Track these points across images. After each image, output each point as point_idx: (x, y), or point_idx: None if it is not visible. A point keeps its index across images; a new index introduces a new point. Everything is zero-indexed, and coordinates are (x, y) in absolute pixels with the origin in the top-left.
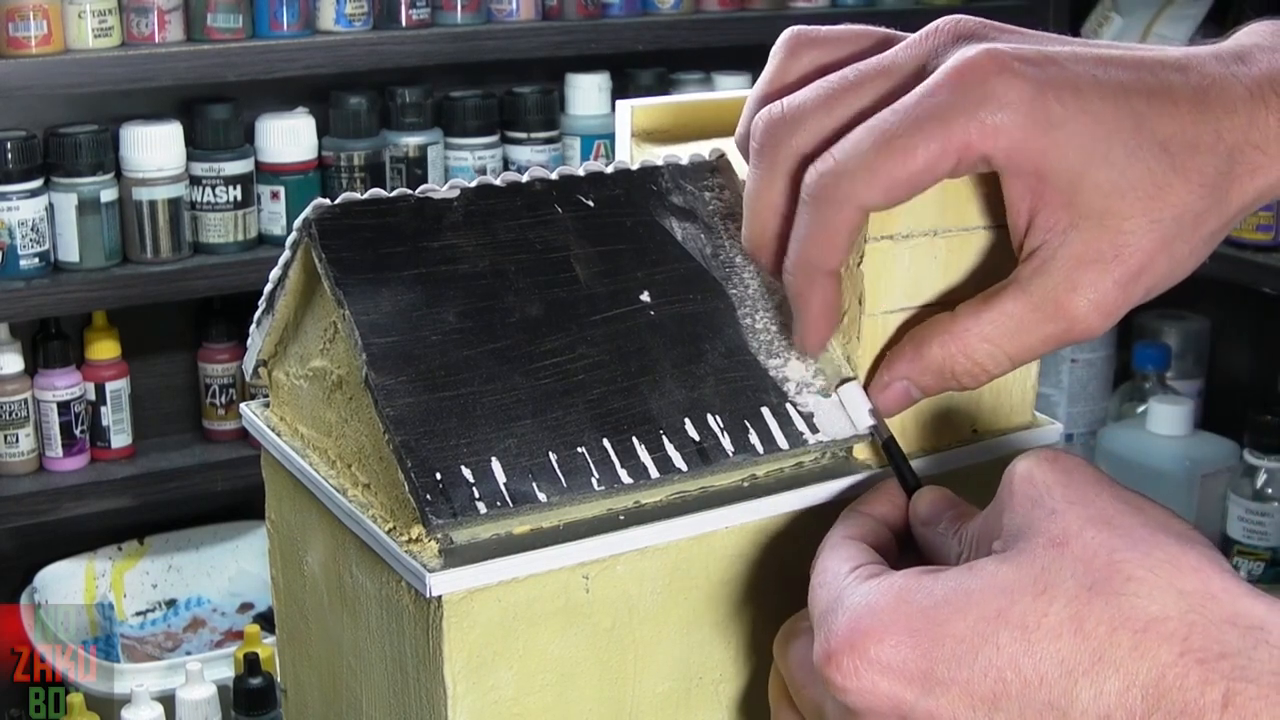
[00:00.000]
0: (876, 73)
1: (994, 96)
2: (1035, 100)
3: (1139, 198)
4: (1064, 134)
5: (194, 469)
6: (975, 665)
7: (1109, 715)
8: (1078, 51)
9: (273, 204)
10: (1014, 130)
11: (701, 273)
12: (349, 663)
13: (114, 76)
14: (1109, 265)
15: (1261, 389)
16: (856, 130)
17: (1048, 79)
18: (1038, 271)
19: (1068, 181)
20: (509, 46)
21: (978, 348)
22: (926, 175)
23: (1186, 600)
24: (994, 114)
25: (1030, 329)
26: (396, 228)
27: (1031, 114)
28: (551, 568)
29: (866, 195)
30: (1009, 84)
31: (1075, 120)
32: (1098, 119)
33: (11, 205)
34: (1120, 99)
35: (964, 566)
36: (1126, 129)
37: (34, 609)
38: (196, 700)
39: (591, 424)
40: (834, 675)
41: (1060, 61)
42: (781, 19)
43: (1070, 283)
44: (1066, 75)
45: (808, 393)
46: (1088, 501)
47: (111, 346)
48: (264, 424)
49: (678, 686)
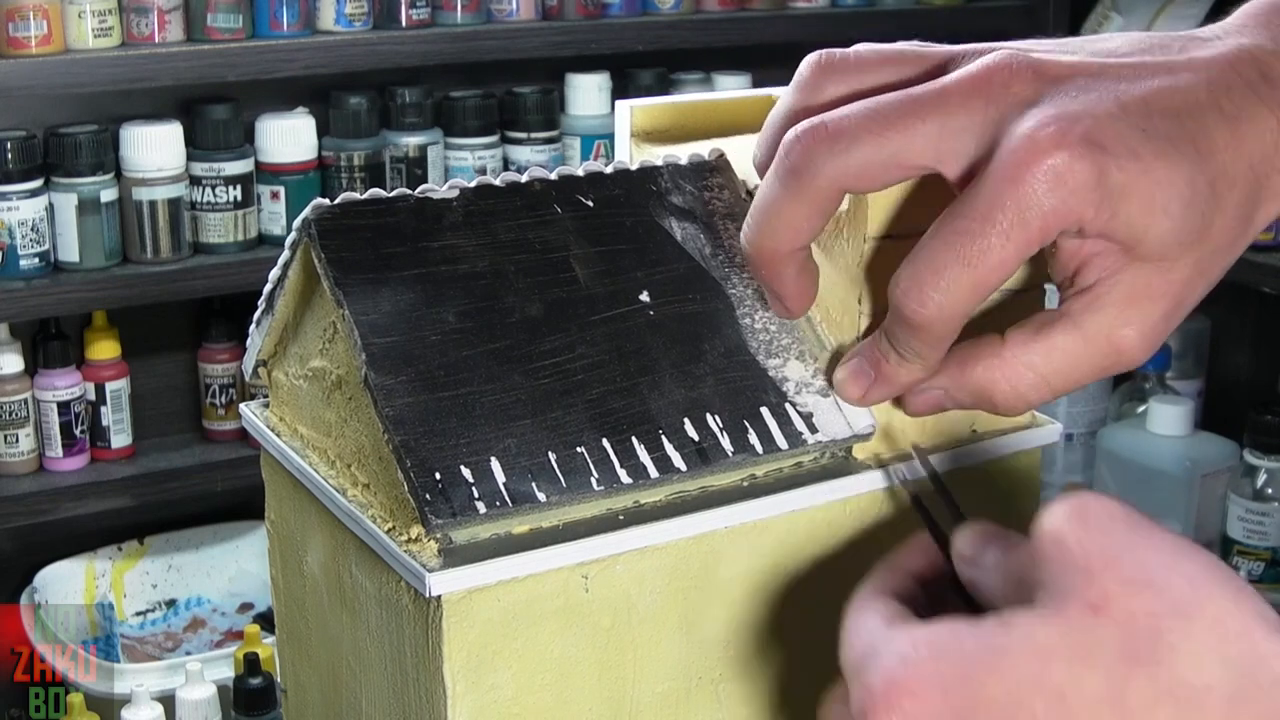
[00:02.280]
0: (928, 111)
1: (1060, 182)
2: (1099, 179)
3: (1189, 240)
4: (1126, 202)
5: (194, 469)
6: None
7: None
8: (1122, 98)
9: (273, 204)
10: (1082, 209)
11: (701, 273)
12: (349, 663)
13: (114, 76)
14: (1158, 301)
15: (1261, 389)
16: (930, 240)
17: (1107, 148)
18: (1090, 308)
19: (1128, 238)
20: (509, 46)
21: (1023, 376)
22: (1000, 274)
23: (1233, 667)
24: (1062, 200)
25: (1079, 362)
26: (396, 228)
27: (1097, 191)
28: (551, 567)
29: (946, 300)
30: (1072, 166)
31: (1136, 185)
32: (1156, 180)
33: (11, 205)
34: (1173, 155)
35: (1000, 621)
36: (1181, 182)
37: (34, 609)
38: (196, 700)
39: (591, 424)
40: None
41: (1113, 121)
42: (781, 19)
43: (1122, 319)
44: (1123, 139)
45: (807, 393)
46: (1124, 559)
47: (111, 346)
48: (264, 424)
49: (677, 686)
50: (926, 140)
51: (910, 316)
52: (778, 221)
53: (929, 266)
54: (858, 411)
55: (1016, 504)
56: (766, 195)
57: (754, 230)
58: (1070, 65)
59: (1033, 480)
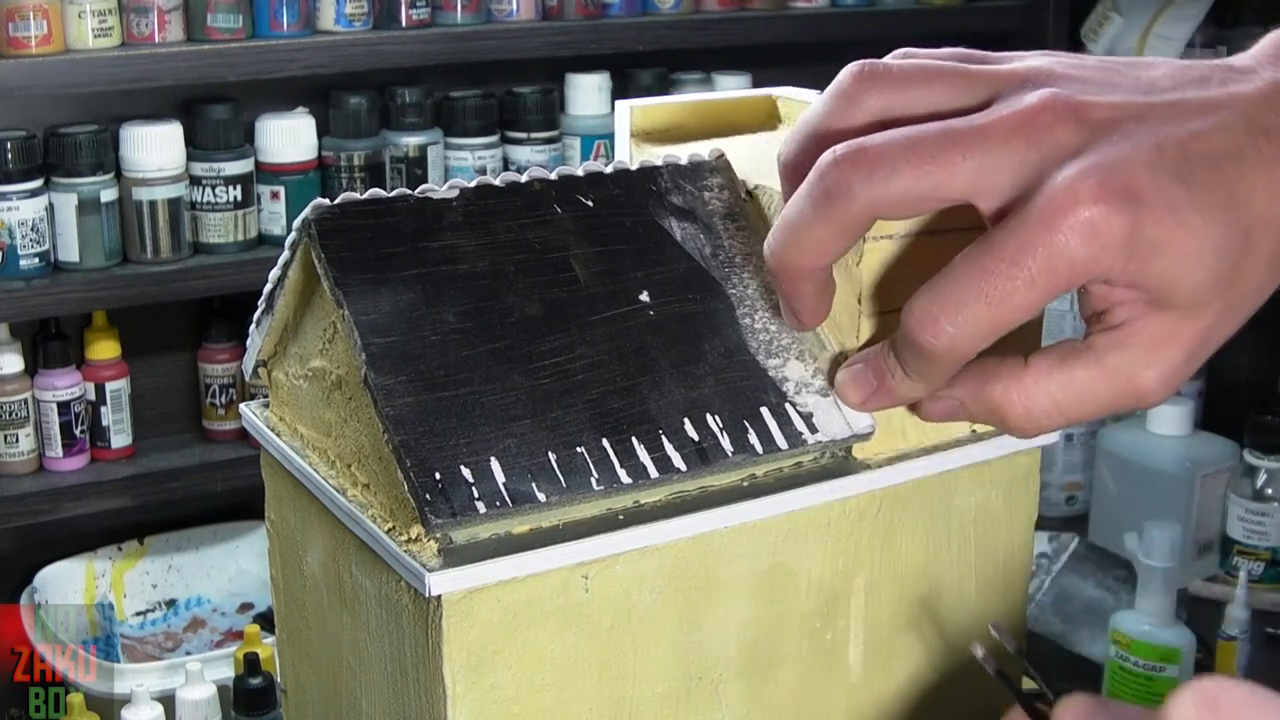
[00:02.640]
0: (970, 147)
1: (1093, 235)
2: (1133, 233)
3: (1221, 286)
4: (1159, 256)
5: (194, 469)
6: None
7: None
8: (1163, 143)
9: (273, 204)
10: (1112, 262)
11: (701, 273)
12: (349, 662)
13: (114, 76)
14: (1183, 345)
15: (1261, 389)
16: (955, 271)
17: (1144, 201)
18: (1115, 346)
19: (1159, 289)
20: (509, 46)
21: (1040, 402)
22: (1020, 316)
23: None
24: (1094, 253)
25: (1097, 396)
26: (396, 228)
27: (1129, 244)
28: (551, 567)
29: (966, 341)
30: (1108, 220)
31: (1171, 239)
32: (1193, 231)
33: (11, 205)
34: (1209, 206)
35: None
36: (1218, 231)
37: (34, 609)
38: (196, 700)
39: (591, 424)
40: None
41: (1152, 172)
42: (781, 19)
43: (1146, 361)
44: (1161, 190)
45: (807, 392)
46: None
47: (111, 346)
48: (264, 424)
49: (677, 686)
50: (965, 176)
51: (923, 345)
52: (805, 239)
53: (950, 298)
54: (858, 412)
55: (1016, 504)
56: (796, 212)
57: (779, 244)
58: (1113, 107)
59: (1032, 480)
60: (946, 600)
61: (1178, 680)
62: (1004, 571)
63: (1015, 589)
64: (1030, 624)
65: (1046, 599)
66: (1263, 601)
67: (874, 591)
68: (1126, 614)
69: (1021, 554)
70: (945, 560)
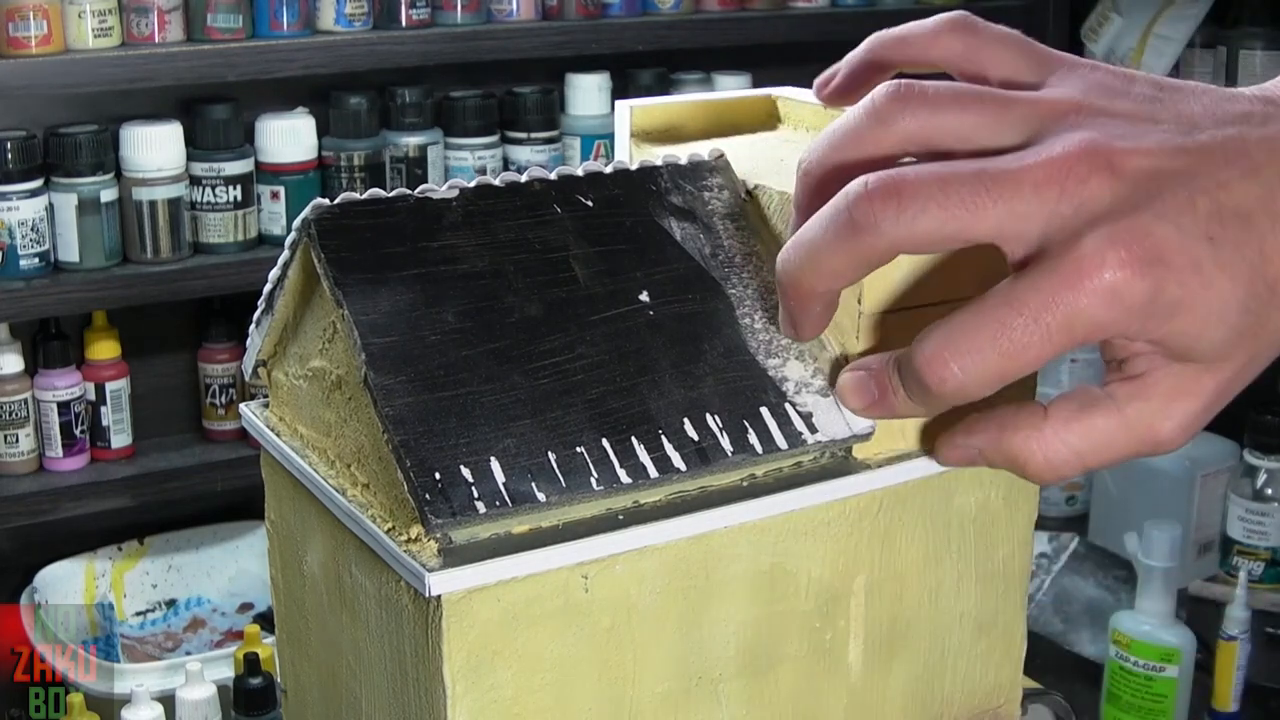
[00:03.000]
0: (1002, 192)
1: (1115, 299)
2: (1155, 296)
3: (1245, 340)
4: (1181, 316)
5: (194, 469)
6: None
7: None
8: (1196, 197)
9: (273, 204)
10: (1130, 323)
11: (700, 273)
12: (348, 662)
13: (114, 76)
14: (1203, 395)
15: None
16: (970, 317)
17: (1170, 263)
18: (1135, 396)
19: (1179, 347)
20: (509, 46)
21: (1059, 451)
22: (1031, 368)
23: None
24: (1113, 317)
25: (1116, 444)
26: (395, 228)
27: (1150, 307)
28: (551, 567)
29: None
30: (1131, 285)
31: (1194, 300)
32: (1217, 292)
33: (11, 205)
34: (1237, 264)
35: None
36: (1242, 289)
37: (34, 609)
38: (196, 700)
39: (590, 424)
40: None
41: (1181, 232)
42: (781, 19)
43: (1165, 412)
44: (1187, 250)
45: (807, 392)
46: None
47: (111, 346)
48: (263, 424)
49: (677, 686)
50: (993, 221)
51: (929, 384)
52: (823, 264)
53: (963, 344)
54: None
55: (1016, 503)
56: (818, 235)
57: (795, 264)
58: (1149, 154)
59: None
60: (946, 600)
61: (1178, 680)
62: (1004, 571)
63: (1015, 589)
64: (1030, 624)
65: (1046, 599)
66: (1263, 601)
67: (874, 591)
68: (1126, 614)
69: (1021, 554)
70: (945, 560)
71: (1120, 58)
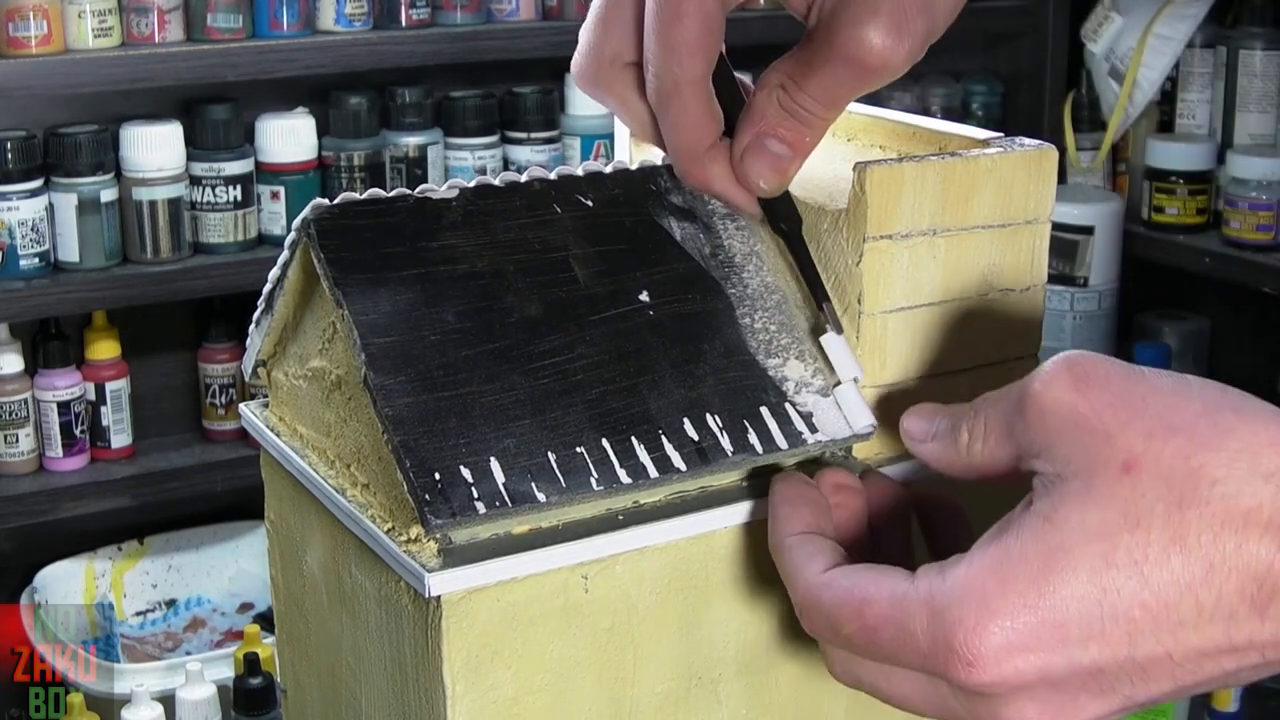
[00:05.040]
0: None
1: None
2: None
3: None
4: None
5: (194, 469)
6: (1104, 616)
7: (1234, 613)
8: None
9: (273, 204)
10: None
11: (700, 272)
12: (348, 663)
13: (114, 76)
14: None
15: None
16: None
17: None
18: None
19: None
20: (509, 46)
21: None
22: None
23: (1273, 482)
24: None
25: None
26: (395, 228)
27: None
28: (550, 567)
29: None
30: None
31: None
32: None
33: (11, 205)
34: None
35: (1042, 518)
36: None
37: (34, 609)
38: (196, 700)
39: (590, 424)
40: (975, 676)
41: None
42: (781, 19)
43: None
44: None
45: (806, 392)
46: (1137, 411)
47: (111, 346)
48: (263, 424)
49: (677, 686)
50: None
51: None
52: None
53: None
54: (858, 411)
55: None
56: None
57: None
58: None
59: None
60: None
61: None
62: None
63: None
64: None
65: None
66: None
67: None
68: None
69: None
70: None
71: (1120, 57)
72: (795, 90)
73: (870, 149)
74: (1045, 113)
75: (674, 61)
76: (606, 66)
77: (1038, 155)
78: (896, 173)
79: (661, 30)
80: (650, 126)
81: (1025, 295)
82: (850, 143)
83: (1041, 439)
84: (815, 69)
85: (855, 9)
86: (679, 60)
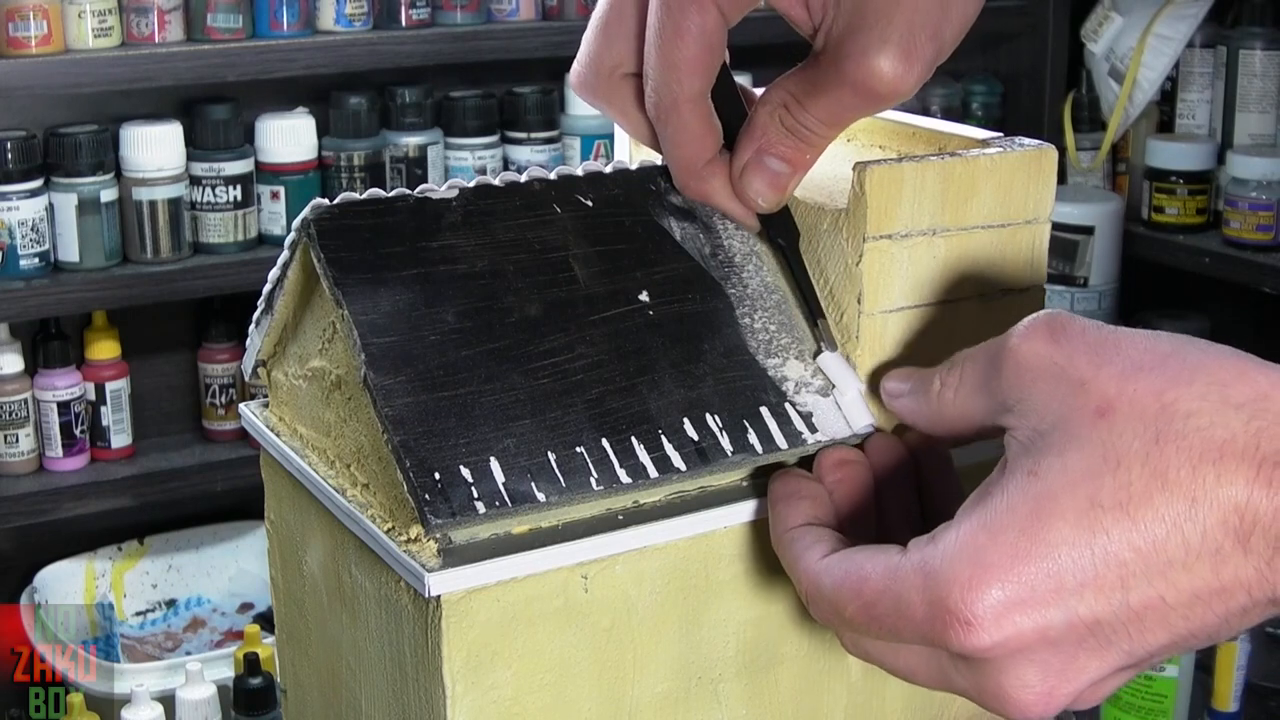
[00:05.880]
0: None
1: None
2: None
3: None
4: None
5: (194, 469)
6: (1096, 560)
7: (1219, 548)
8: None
9: (273, 204)
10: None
11: (700, 272)
12: (348, 662)
13: (114, 76)
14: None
15: None
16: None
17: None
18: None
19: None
20: (509, 46)
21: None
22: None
23: (1244, 411)
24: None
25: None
26: (395, 228)
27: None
28: (550, 567)
29: None
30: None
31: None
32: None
33: (11, 205)
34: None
35: (1025, 472)
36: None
37: (34, 609)
38: (196, 700)
39: (590, 424)
40: (972, 639)
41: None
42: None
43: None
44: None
45: (806, 392)
46: (1108, 357)
47: (111, 346)
48: (263, 424)
49: (677, 686)
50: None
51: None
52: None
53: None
54: (857, 411)
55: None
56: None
57: None
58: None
59: None
60: None
61: (1177, 680)
62: None
63: None
64: None
65: None
66: None
67: None
68: None
69: None
70: None
71: (1120, 57)
72: (799, 110)
73: (870, 149)
74: (1045, 113)
75: (673, 79)
76: (606, 77)
77: (1037, 155)
78: (896, 173)
79: (662, 47)
80: (650, 136)
81: (1025, 295)
82: (850, 143)
83: (1017, 392)
84: (821, 91)
85: (865, 36)
86: (678, 77)
